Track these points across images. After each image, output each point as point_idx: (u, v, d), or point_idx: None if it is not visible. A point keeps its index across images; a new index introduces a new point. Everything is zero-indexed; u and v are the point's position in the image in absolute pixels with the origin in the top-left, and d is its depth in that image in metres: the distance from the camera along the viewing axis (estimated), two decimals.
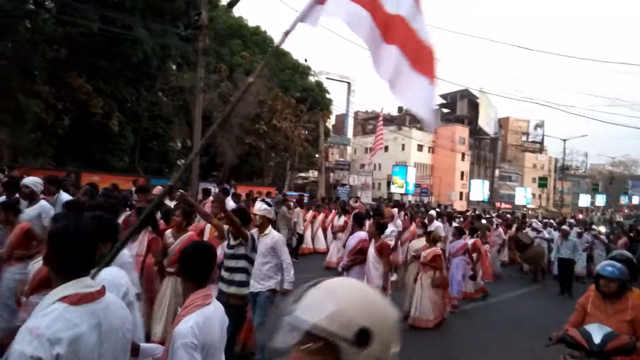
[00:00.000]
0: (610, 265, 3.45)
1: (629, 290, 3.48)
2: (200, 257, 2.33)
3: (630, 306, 3.33)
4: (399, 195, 37.80)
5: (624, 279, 3.38)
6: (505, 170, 61.97)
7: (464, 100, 57.70)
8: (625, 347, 2.99)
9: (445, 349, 6.20)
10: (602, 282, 3.41)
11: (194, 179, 14.99)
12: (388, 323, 0.98)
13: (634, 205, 76.32)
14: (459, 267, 8.34)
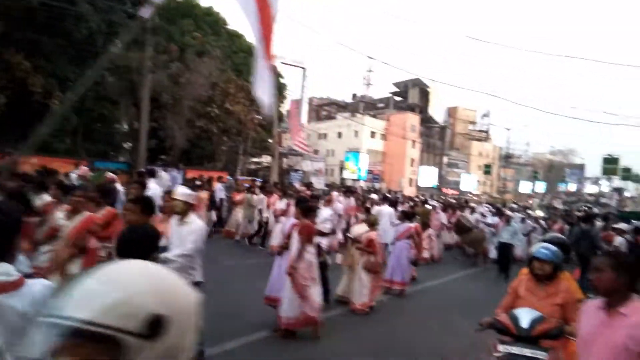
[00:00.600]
0: (545, 248, 3.45)
1: (562, 273, 3.50)
2: (136, 242, 2.18)
3: (561, 289, 3.33)
4: (352, 181, 38.36)
5: (557, 262, 3.38)
6: (453, 158, 64.09)
7: (416, 89, 58.88)
8: (552, 332, 2.97)
9: (385, 333, 6.26)
10: (536, 264, 3.39)
11: (141, 162, 14.57)
12: (185, 307, 0.88)
13: (571, 192, 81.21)
14: (403, 251, 8.34)
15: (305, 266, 5.51)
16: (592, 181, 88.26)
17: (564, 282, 3.39)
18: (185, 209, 4.34)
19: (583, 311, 2.65)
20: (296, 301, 5.38)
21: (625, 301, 2.40)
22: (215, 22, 27.65)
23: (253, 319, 5.82)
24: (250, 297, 6.52)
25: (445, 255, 13.76)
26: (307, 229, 5.60)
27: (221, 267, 9.19)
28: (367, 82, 71.49)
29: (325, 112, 65.39)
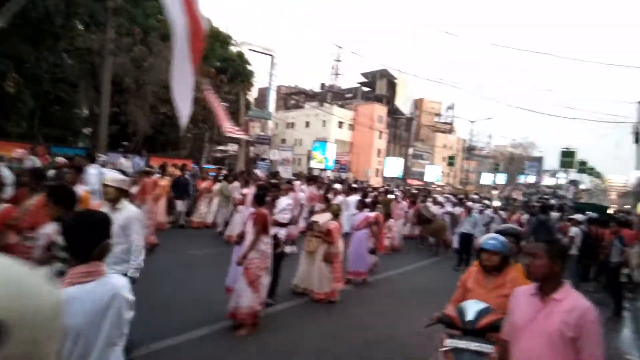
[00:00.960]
0: (493, 239, 3.38)
1: (511, 264, 3.43)
2: (82, 229, 2.01)
3: (509, 280, 3.24)
4: (319, 171, 38.39)
5: (506, 253, 3.31)
6: (419, 149, 65.13)
7: (383, 80, 59.34)
8: (497, 323, 2.84)
9: (345, 321, 6.26)
10: (484, 255, 3.33)
11: (101, 148, 14.12)
12: (39, 312, 0.75)
13: (530, 184, 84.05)
14: (362, 240, 8.30)
15: (259, 256, 5.40)
16: (550, 174, 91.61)
17: (511, 273, 3.29)
18: (118, 195, 4.03)
19: (515, 297, 2.60)
20: (247, 292, 5.28)
21: (558, 287, 2.42)
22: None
23: (214, 309, 5.76)
24: (214, 288, 6.43)
25: (406, 244, 13.89)
26: (261, 218, 5.46)
27: (186, 257, 9.08)
28: (335, 71, 71.52)
29: (293, 101, 65.08)
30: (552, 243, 2.54)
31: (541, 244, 2.51)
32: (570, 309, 2.31)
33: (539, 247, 2.48)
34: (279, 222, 6.74)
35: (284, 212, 6.99)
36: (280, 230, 6.71)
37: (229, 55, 29.06)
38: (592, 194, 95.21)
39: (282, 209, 6.98)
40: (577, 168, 61.97)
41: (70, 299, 1.80)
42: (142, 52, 20.12)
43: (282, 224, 6.86)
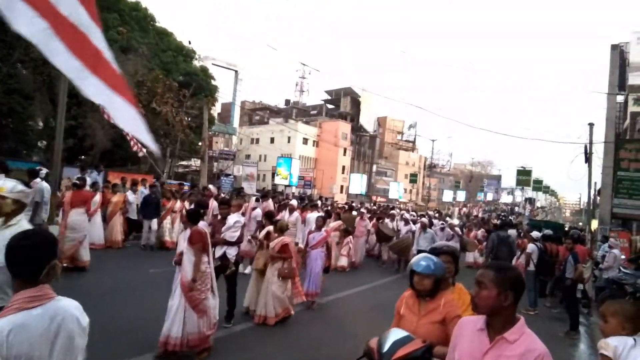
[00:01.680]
0: (425, 259, 2.96)
1: (448, 286, 3.13)
2: (28, 250, 1.86)
3: (443, 304, 2.88)
4: (283, 187, 38.25)
5: (439, 275, 2.92)
6: (382, 166, 66.06)
7: (348, 98, 60.18)
8: (414, 354, 2.44)
9: (303, 342, 6.08)
10: (415, 278, 2.93)
11: (56, 162, 13.49)
12: None
13: (488, 202, 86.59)
14: (317, 259, 8.05)
15: (198, 278, 5.06)
16: (508, 191, 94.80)
17: (446, 296, 2.94)
18: (16, 208, 3.38)
19: (460, 329, 2.24)
20: (192, 317, 4.94)
21: (510, 324, 2.04)
22: (142, 18, 26.53)
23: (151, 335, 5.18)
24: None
25: (367, 262, 13.80)
26: (197, 237, 5.11)
27: (145, 275, 8.78)
28: (300, 88, 72.05)
29: (258, 117, 64.93)
30: (503, 270, 2.11)
31: (490, 271, 2.10)
32: (524, 353, 1.97)
33: (486, 275, 2.09)
34: (227, 241, 6.37)
35: (232, 229, 6.50)
36: (229, 250, 6.37)
37: (192, 70, 28.78)
38: (547, 212, 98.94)
39: (230, 227, 6.49)
40: (533, 186, 64.42)
41: (16, 327, 1.70)
42: None
43: (231, 243, 6.43)
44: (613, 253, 10.91)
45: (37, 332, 1.75)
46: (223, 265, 6.22)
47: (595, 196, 29.14)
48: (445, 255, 3.19)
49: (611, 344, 2.71)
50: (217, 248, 6.31)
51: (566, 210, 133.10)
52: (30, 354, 1.72)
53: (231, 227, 6.49)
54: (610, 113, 20.67)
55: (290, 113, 64.27)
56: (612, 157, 19.16)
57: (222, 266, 6.20)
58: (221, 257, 6.28)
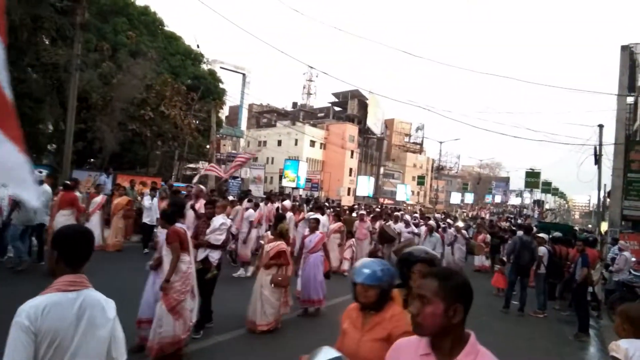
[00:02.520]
0: (367, 267, 2.46)
1: (397, 297, 2.61)
2: (77, 240, 2.12)
3: (388, 318, 2.41)
4: (290, 189, 38.28)
5: (386, 286, 2.43)
6: (389, 169, 65.93)
7: (355, 100, 60.17)
8: None
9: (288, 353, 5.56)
10: (357, 289, 2.45)
11: (66, 165, 13.68)
12: None
13: (497, 203, 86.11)
14: (319, 265, 7.54)
15: (179, 279, 4.88)
16: (516, 194, 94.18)
17: (394, 308, 2.48)
18: None
19: (396, 355, 1.82)
20: (168, 320, 4.75)
21: (462, 344, 1.65)
22: (151, 22, 26.74)
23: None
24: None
25: None
26: (174, 236, 4.92)
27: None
28: (307, 91, 72.18)
29: (265, 120, 65.12)
30: (448, 277, 1.67)
31: (433, 280, 1.65)
32: None
33: (430, 287, 1.64)
34: (211, 244, 6.10)
35: (218, 232, 6.15)
36: (212, 253, 6.08)
37: (200, 73, 28.94)
38: (556, 214, 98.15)
39: (215, 229, 6.16)
40: (542, 188, 63.93)
41: (52, 304, 1.91)
42: (111, 69, 19.81)
43: (214, 246, 6.11)
44: (624, 256, 10.81)
45: (67, 313, 1.95)
46: (204, 268, 5.95)
47: (605, 198, 28.86)
48: (422, 265, 2.60)
49: (622, 347, 2.70)
50: (200, 250, 6.06)
51: (575, 212, 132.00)
52: (57, 331, 1.91)
53: (216, 230, 6.16)
54: (620, 114, 20.49)
55: (297, 116, 64.39)
56: (622, 159, 18.97)
57: (203, 269, 5.92)
58: (203, 260, 6.02)
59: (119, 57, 20.63)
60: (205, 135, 27.51)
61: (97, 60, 19.35)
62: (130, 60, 20.64)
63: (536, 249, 9.84)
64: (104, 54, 19.79)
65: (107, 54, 20.13)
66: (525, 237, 9.92)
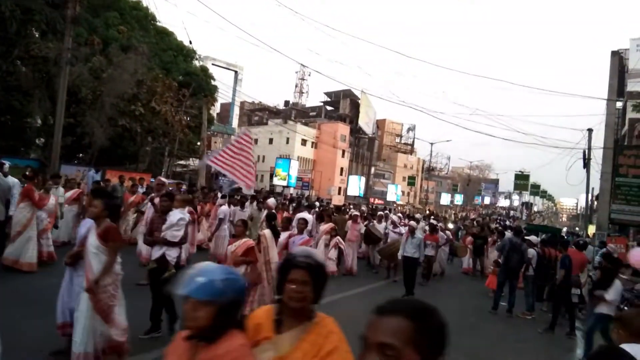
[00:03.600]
0: (203, 273, 1.71)
1: (307, 319, 1.89)
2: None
3: (220, 356, 1.69)
4: (282, 188, 38.24)
5: (228, 302, 1.72)
6: (380, 169, 66.07)
7: (347, 100, 60.18)
8: None
9: None
10: (185, 306, 1.70)
11: (54, 160, 13.50)
12: None
13: (486, 205, 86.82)
14: None
15: (112, 282, 4.41)
16: (505, 196, 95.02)
17: (230, 343, 1.72)
18: None
19: None
20: (98, 325, 4.25)
21: None
22: (143, 17, 26.50)
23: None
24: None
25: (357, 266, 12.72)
26: (113, 233, 4.39)
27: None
28: (299, 89, 72.09)
29: (257, 118, 64.91)
30: (424, 315, 1.14)
31: (402, 320, 1.08)
32: None
33: (399, 332, 1.06)
34: (167, 241, 5.64)
35: (175, 228, 5.71)
36: (169, 251, 5.63)
37: (192, 70, 28.76)
38: (544, 216, 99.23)
39: (172, 225, 5.71)
40: (530, 191, 64.57)
41: None
42: (101, 63, 19.60)
43: (172, 243, 5.66)
44: None
45: None
46: (160, 268, 5.52)
47: (593, 201, 29.21)
48: (298, 271, 1.88)
49: None
50: (155, 248, 5.68)
51: (563, 215, 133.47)
52: None
53: (173, 226, 5.71)
54: (610, 119, 20.75)
55: (289, 114, 64.25)
56: (611, 163, 19.20)
57: (159, 269, 5.51)
58: (159, 259, 5.58)
59: (110, 52, 20.43)
60: (196, 132, 27.36)
61: (87, 55, 19.14)
62: (122, 55, 20.45)
63: (526, 251, 9.89)
64: (94, 48, 19.57)
65: (98, 48, 19.92)
66: (515, 239, 9.96)
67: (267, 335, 1.88)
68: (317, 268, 1.94)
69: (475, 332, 7.69)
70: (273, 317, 1.93)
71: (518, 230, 11.38)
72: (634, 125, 24.42)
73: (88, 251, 4.34)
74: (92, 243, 4.33)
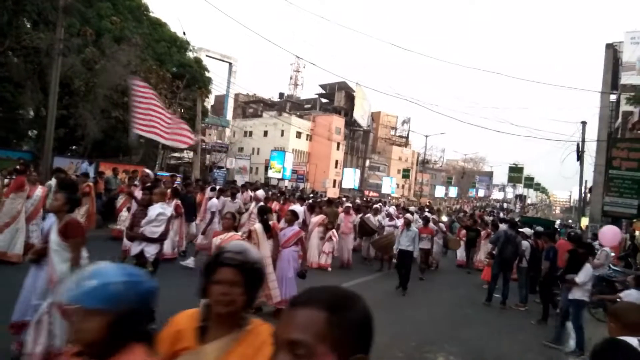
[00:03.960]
0: (95, 275, 1.40)
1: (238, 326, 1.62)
2: None
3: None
4: (277, 180, 38.21)
5: (125, 311, 1.38)
6: (375, 161, 66.15)
7: (342, 92, 60.03)
8: None
9: None
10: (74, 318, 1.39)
11: (47, 152, 13.38)
12: None
13: (480, 197, 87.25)
14: (290, 261, 6.79)
15: None
16: (499, 188, 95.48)
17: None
18: None
19: None
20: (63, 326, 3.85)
21: None
22: (136, 7, 26.19)
23: None
24: None
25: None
26: (75, 228, 4.10)
27: None
28: (294, 82, 71.86)
29: (252, 110, 64.66)
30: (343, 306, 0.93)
31: (314, 311, 0.90)
32: None
33: (310, 326, 0.89)
34: (146, 237, 5.38)
35: (154, 223, 5.40)
36: (148, 247, 5.39)
37: (186, 62, 28.51)
38: (537, 208, 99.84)
39: (151, 220, 5.40)
40: (524, 183, 64.90)
41: None
42: (94, 54, 19.39)
43: (151, 239, 5.40)
44: (604, 251, 11.01)
45: None
46: (139, 264, 5.26)
47: (586, 194, 29.39)
48: (227, 270, 1.61)
49: None
50: (134, 244, 5.46)
51: (556, 207, 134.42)
52: None
53: (152, 221, 5.39)
54: (604, 112, 20.82)
55: (284, 106, 64.05)
56: (604, 156, 19.30)
57: (138, 266, 5.07)
58: (138, 256, 5.35)
59: (103, 43, 20.20)
60: (190, 124, 27.17)
61: (80, 46, 18.91)
62: (115, 46, 20.23)
63: (520, 244, 9.95)
64: (87, 39, 19.33)
65: (91, 39, 19.68)
66: (510, 232, 10.01)
67: (187, 346, 1.59)
68: (250, 266, 1.64)
69: (469, 324, 7.75)
70: (197, 323, 1.63)
71: (513, 222, 11.41)
72: (627, 118, 24.53)
73: (50, 248, 4.09)
74: (54, 239, 4.08)
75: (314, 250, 11.24)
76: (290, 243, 6.80)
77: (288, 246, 6.80)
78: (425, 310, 8.71)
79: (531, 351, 6.89)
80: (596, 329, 7.54)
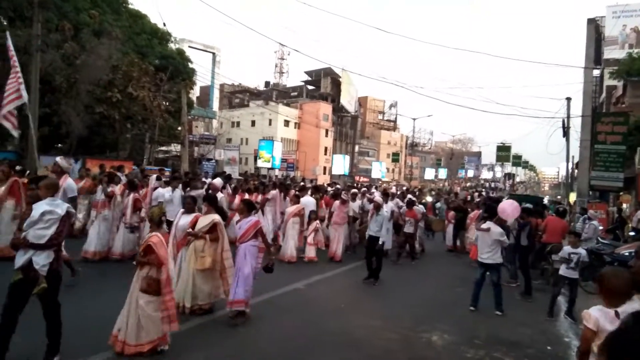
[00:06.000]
0: None
1: None
2: None
3: None
4: (266, 170, 38.07)
5: None
6: (364, 146, 66.18)
7: (328, 78, 59.75)
8: None
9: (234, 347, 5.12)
10: None
11: (31, 151, 13.18)
12: None
13: (469, 178, 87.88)
14: (246, 256, 6.02)
15: None
16: (488, 168, 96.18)
17: None
18: None
19: None
20: None
21: None
22: (114, 0, 25.71)
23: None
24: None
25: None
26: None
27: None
28: (279, 69, 71.31)
29: (238, 100, 64.16)
30: None
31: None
32: None
33: None
34: (32, 243, 4.06)
35: (40, 225, 4.11)
36: (37, 257, 4.06)
37: (168, 53, 28.13)
38: (526, 186, 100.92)
39: (36, 221, 4.11)
40: (512, 162, 65.38)
41: None
42: (74, 49, 19.05)
43: (38, 246, 4.07)
44: (593, 224, 11.17)
45: None
46: (28, 279, 3.96)
47: (573, 170, 29.72)
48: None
49: (593, 315, 2.78)
50: (19, 253, 4.05)
51: (545, 184, 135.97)
52: None
53: (37, 222, 4.07)
54: (587, 87, 20.96)
55: (270, 95, 63.66)
56: (589, 131, 19.46)
57: (27, 281, 3.96)
58: (25, 268, 3.98)
59: (82, 37, 19.86)
60: (176, 117, 26.93)
61: (59, 41, 18.58)
62: (94, 40, 19.89)
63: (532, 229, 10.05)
64: (65, 34, 18.98)
65: (70, 34, 19.32)
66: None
67: None
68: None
69: (462, 303, 7.84)
70: None
71: (497, 200, 11.55)
72: (611, 92, 24.71)
73: None
74: None
75: (289, 243, 10.47)
76: (247, 237, 6.08)
77: (245, 240, 6.07)
78: (415, 293, 8.77)
79: (523, 325, 7.00)
80: (586, 301, 7.68)
